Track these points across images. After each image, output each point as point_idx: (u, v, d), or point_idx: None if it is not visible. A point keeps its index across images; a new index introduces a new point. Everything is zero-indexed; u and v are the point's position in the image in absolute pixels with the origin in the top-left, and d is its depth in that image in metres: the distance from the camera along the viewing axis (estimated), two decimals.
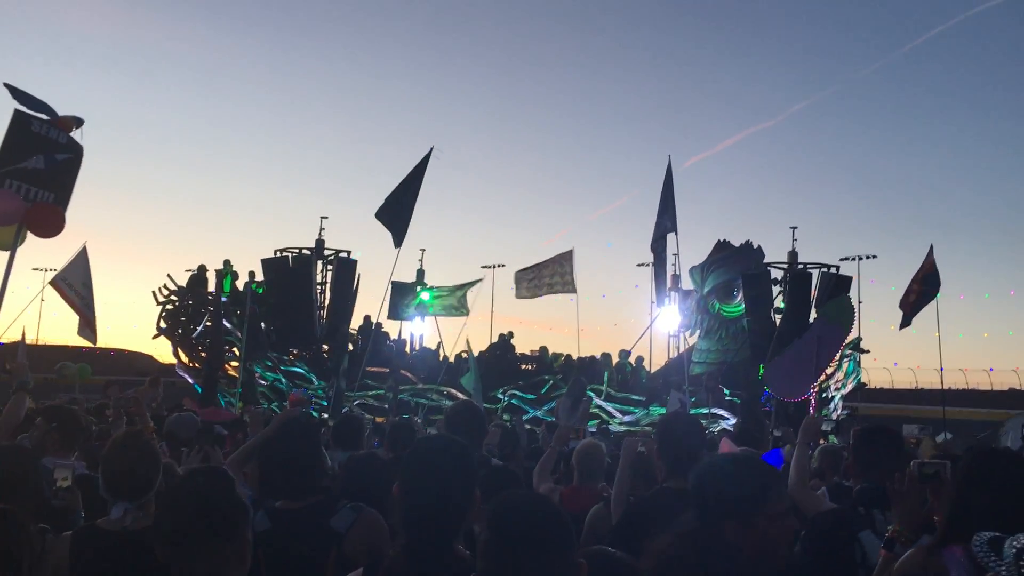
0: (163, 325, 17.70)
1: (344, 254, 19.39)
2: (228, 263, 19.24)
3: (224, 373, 17.13)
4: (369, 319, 19.38)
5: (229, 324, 16.71)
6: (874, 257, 27.32)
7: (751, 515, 2.18)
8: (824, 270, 18.26)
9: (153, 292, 17.68)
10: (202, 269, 19.20)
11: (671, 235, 13.89)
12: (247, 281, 19.13)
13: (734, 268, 18.26)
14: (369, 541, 2.89)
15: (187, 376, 17.69)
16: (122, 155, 77.78)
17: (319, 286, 19.26)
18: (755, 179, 79.42)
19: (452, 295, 19.73)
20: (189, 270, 19.24)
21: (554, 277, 19.89)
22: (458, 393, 15.18)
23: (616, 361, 18.79)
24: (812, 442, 4.90)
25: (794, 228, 18.97)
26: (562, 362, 19.60)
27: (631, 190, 77.10)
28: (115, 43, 79.33)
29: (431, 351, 20.60)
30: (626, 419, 16.43)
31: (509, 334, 20.07)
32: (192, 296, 18.05)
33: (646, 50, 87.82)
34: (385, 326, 19.44)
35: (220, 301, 17.24)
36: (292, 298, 18.05)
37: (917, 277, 15.22)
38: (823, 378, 15.73)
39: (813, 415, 11.20)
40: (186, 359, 17.76)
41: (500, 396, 17.14)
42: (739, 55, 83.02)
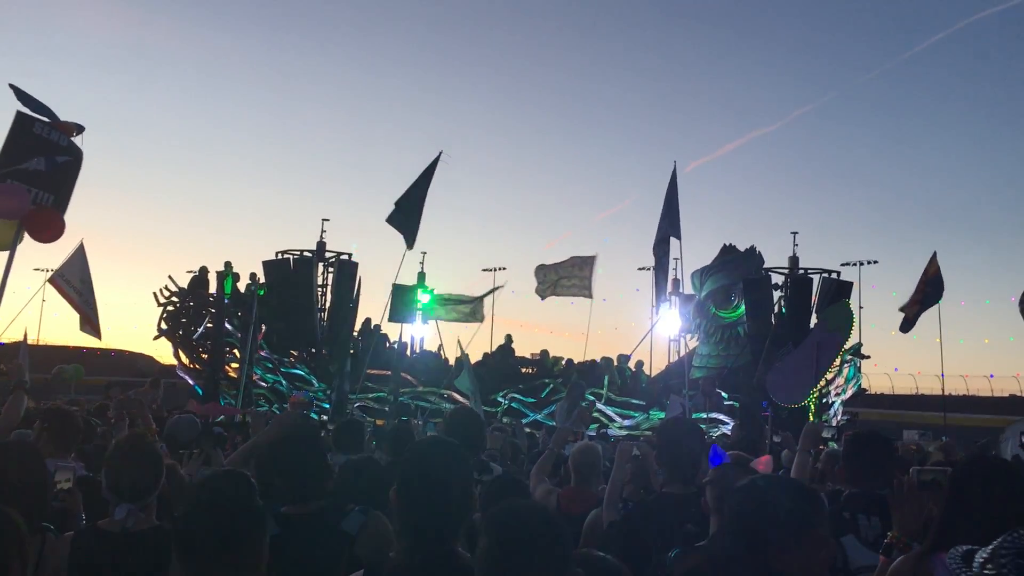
0: (164, 326, 17.67)
1: (345, 256, 19.41)
2: (229, 265, 19.25)
3: (225, 375, 17.14)
4: (369, 321, 19.40)
5: (230, 326, 16.71)
6: (875, 262, 27.44)
7: (799, 540, 2.09)
8: (825, 275, 18.24)
9: (154, 293, 17.67)
10: (203, 271, 19.21)
11: (673, 240, 13.88)
12: (248, 283, 19.15)
13: (732, 273, 18.27)
14: (379, 542, 2.93)
15: (188, 377, 17.69)
16: (124, 156, 77.98)
17: (320, 288, 19.28)
18: (756, 184, 79.59)
19: (468, 304, 19.69)
20: (190, 271, 19.26)
21: (572, 280, 19.81)
22: (459, 396, 15.19)
23: (615, 366, 18.77)
24: (812, 449, 4.89)
25: (795, 233, 19.00)
26: (562, 366, 19.59)
27: (633, 194, 77.26)
28: (117, 44, 79.58)
29: (431, 354, 20.60)
30: (626, 423, 16.42)
31: (508, 337, 20.09)
32: (193, 298, 18.04)
33: (648, 54, 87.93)
34: (386, 328, 19.45)
35: (221, 303, 17.24)
36: (293, 300, 18.08)
37: (923, 281, 15.15)
38: (823, 384, 15.71)
39: (814, 421, 11.18)
40: (187, 360, 17.76)
41: (500, 399, 17.14)
42: (741, 60, 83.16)
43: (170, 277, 17.97)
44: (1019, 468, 2.71)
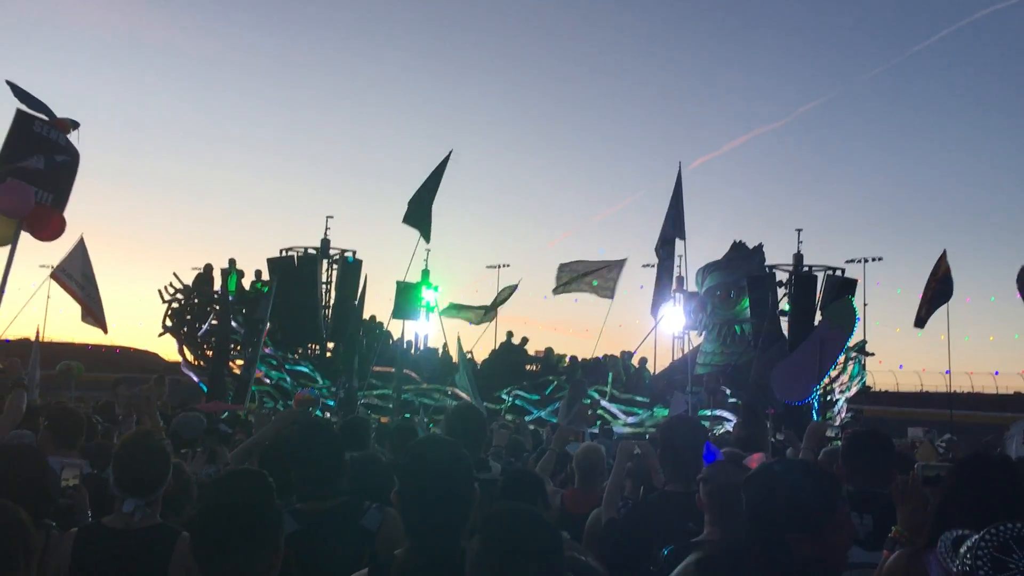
0: (169, 323, 17.74)
1: (349, 254, 19.45)
2: (233, 262, 19.31)
3: (229, 371, 17.18)
4: (373, 319, 19.44)
5: (235, 323, 16.75)
6: (880, 259, 27.28)
7: (821, 525, 2.07)
8: (830, 272, 18.21)
9: (159, 290, 17.73)
10: (208, 268, 19.27)
11: (678, 240, 13.88)
12: (253, 281, 19.19)
13: (732, 270, 18.30)
14: (396, 538, 2.91)
15: (192, 375, 17.75)
16: (128, 153, 78.15)
17: (324, 285, 19.32)
18: (761, 181, 79.46)
19: (481, 309, 19.73)
20: (195, 268, 19.31)
21: (597, 279, 19.78)
22: (462, 393, 15.21)
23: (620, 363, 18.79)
24: (816, 448, 4.88)
25: (799, 230, 18.91)
26: (567, 363, 19.60)
27: (637, 191, 77.18)
28: (121, 39, 79.74)
29: (435, 351, 20.62)
30: (630, 420, 16.43)
31: (509, 334, 20.12)
32: (198, 295, 18.10)
33: (652, 51, 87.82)
34: (389, 325, 19.48)
35: (226, 300, 17.29)
36: (297, 297, 18.11)
37: (935, 277, 15.06)
38: (827, 381, 15.71)
39: (818, 420, 11.18)
40: (191, 358, 17.82)
41: (504, 396, 17.16)
42: (745, 57, 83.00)
43: (175, 274, 18.06)
44: (1015, 467, 2.69)
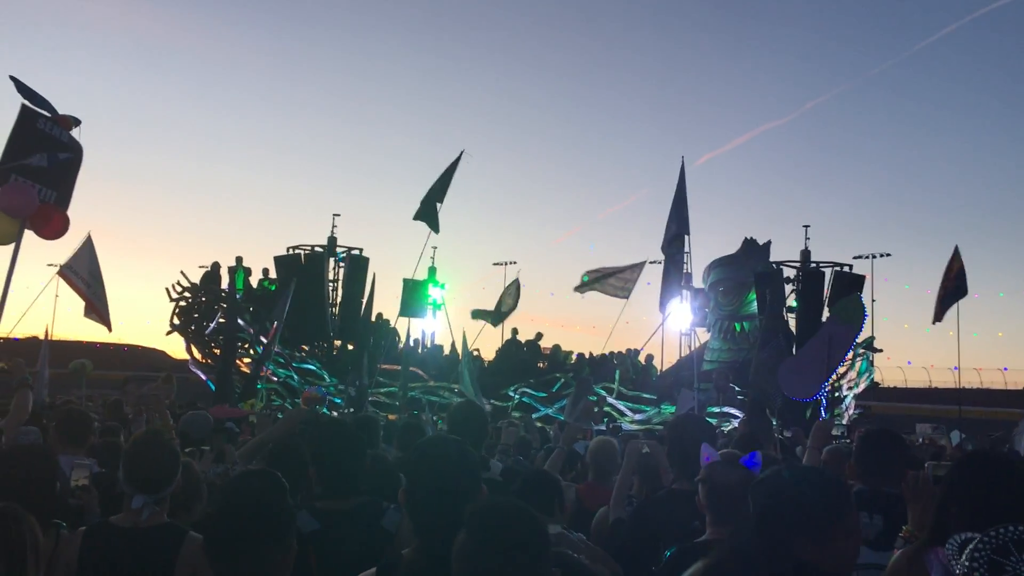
0: (176, 321, 17.79)
1: (356, 251, 19.47)
2: (240, 260, 19.36)
3: (237, 370, 17.22)
4: (380, 316, 19.46)
5: (242, 321, 16.79)
6: (888, 255, 27.22)
7: (828, 532, 2.07)
8: (837, 269, 18.17)
9: (166, 289, 17.78)
10: (215, 266, 19.33)
11: (685, 237, 13.85)
12: (260, 279, 19.24)
13: (735, 266, 18.34)
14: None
15: (200, 373, 17.80)
16: (135, 151, 78.33)
17: (331, 283, 19.35)
18: (767, 177, 79.12)
19: (498, 310, 19.85)
20: (203, 266, 19.40)
21: (619, 280, 20.01)
22: (464, 391, 15.22)
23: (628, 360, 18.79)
24: (822, 446, 4.87)
25: (807, 227, 18.88)
26: (574, 360, 19.60)
27: (643, 187, 77.06)
28: (127, 36, 79.89)
29: (440, 348, 20.64)
30: (637, 417, 16.42)
31: (514, 331, 20.14)
32: (205, 293, 18.15)
33: (657, 48, 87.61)
34: (397, 323, 19.51)
35: (233, 298, 17.33)
36: (304, 295, 18.13)
37: (951, 273, 14.94)
38: (835, 377, 15.66)
39: (825, 419, 11.15)
40: (199, 356, 17.87)
41: (511, 394, 17.16)
42: (751, 53, 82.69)
43: (182, 272, 18.10)
44: (1016, 465, 2.65)
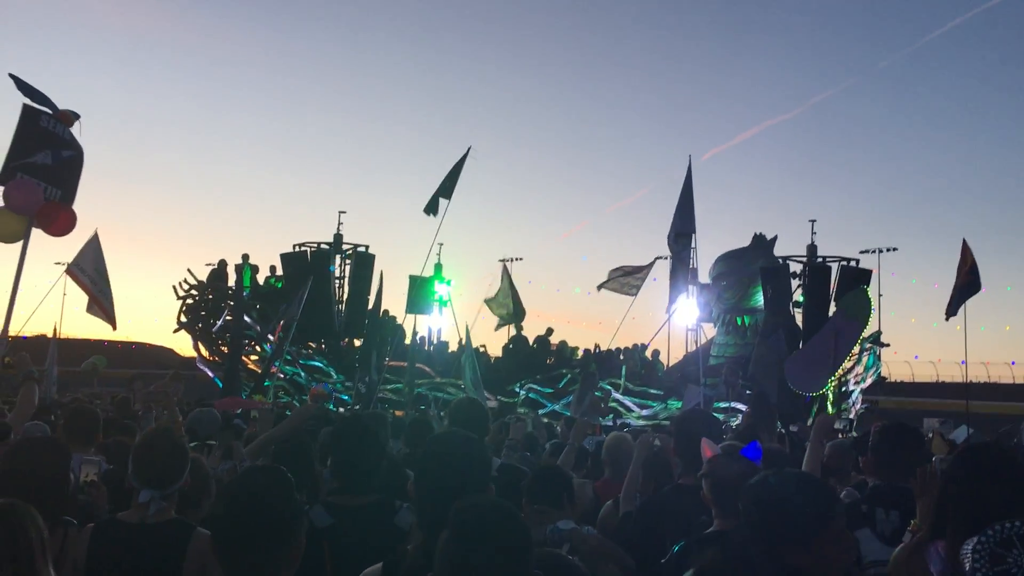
0: (183, 319, 17.84)
1: (362, 248, 19.49)
2: (246, 257, 19.40)
3: (244, 367, 17.27)
4: (386, 313, 19.47)
5: (249, 318, 16.82)
6: (894, 250, 27.08)
7: (813, 536, 2.09)
8: (844, 263, 18.11)
9: (173, 287, 17.84)
10: (222, 264, 19.36)
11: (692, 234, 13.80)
12: (267, 276, 19.27)
13: (738, 261, 18.32)
14: None
15: (207, 370, 17.85)
16: (141, 150, 78.53)
17: (337, 280, 19.37)
18: (774, 172, 78.94)
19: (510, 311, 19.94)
20: (209, 264, 19.41)
21: (634, 280, 20.29)
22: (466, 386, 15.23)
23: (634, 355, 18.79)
24: (824, 440, 4.84)
25: (813, 221, 18.84)
26: (580, 356, 19.60)
27: (650, 183, 76.91)
28: (132, 35, 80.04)
29: (446, 344, 20.67)
30: (644, 413, 16.41)
31: (519, 327, 20.13)
32: (212, 291, 18.19)
33: (663, 43, 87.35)
34: (405, 321, 19.54)
35: (240, 296, 17.36)
36: (311, 292, 18.14)
37: (965, 267, 14.84)
38: (842, 372, 15.62)
39: (827, 412, 11.13)
40: (206, 353, 17.92)
41: (518, 390, 17.16)
42: (757, 48, 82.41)
43: (189, 271, 18.16)
44: (1013, 459, 2.63)
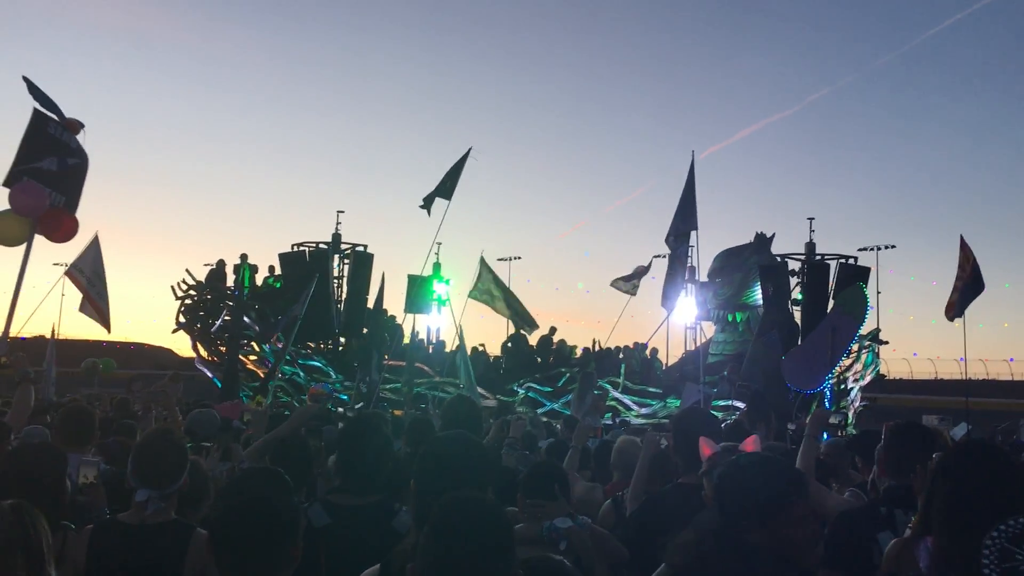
0: (182, 319, 17.82)
1: (360, 248, 19.48)
2: (245, 257, 19.38)
3: (243, 367, 17.25)
4: (385, 312, 19.47)
5: (247, 318, 16.80)
6: (893, 247, 27.10)
7: (773, 519, 2.14)
8: (842, 261, 18.11)
9: (172, 287, 17.81)
10: (220, 264, 19.33)
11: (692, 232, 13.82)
12: (266, 276, 19.25)
13: (733, 258, 18.35)
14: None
15: (206, 370, 17.83)
16: (139, 151, 78.41)
17: (336, 280, 19.36)
18: (772, 170, 78.98)
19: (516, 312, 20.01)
20: (208, 264, 19.39)
21: (635, 280, 20.79)
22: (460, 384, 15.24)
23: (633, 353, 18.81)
24: (819, 435, 4.83)
25: (811, 219, 18.84)
26: (579, 354, 19.61)
27: (648, 181, 76.95)
28: (131, 37, 79.95)
29: (444, 343, 20.66)
30: (643, 411, 16.42)
31: (518, 326, 20.11)
32: (211, 291, 18.17)
33: (661, 40, 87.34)
34: (404, 320, 19.54)
35: (239, 296, 17.34)
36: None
37: (968, 266, 14.78)
38: (840, 369, 15.63)
39: (822, 408, 11.13)
40: (205, 353, 17.90)
41: (517, 389, 17.16)
42: (756, 45, 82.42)
43: (187, 271, 18.12)
44: (1002, 454, 2.61)
